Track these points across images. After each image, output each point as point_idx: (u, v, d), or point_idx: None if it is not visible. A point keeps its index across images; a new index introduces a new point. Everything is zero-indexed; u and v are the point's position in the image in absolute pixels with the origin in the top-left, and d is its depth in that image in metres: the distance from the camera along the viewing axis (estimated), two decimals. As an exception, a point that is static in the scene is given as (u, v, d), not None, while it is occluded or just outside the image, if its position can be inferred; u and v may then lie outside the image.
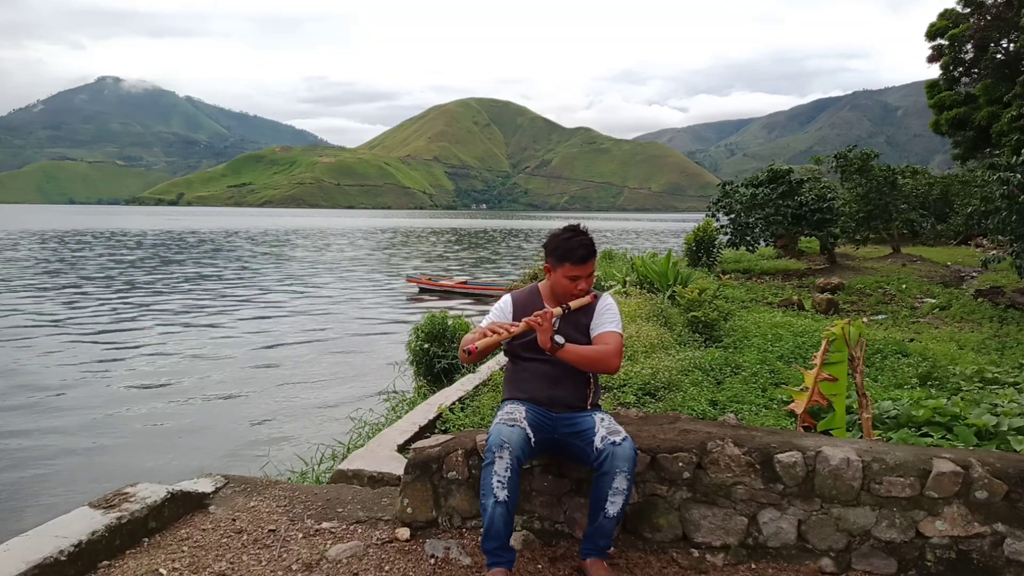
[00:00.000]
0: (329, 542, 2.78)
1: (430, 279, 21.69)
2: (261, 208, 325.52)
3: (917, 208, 22.51)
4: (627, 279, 10.43)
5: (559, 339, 2.57)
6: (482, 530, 2.46)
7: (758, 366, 5.79)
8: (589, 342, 2.71)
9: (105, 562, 2.60)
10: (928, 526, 2.48)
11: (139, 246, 40.78)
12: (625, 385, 5.18)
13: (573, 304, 2.69)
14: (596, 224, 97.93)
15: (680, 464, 2.67)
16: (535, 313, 2.57)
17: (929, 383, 5.28)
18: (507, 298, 2.89)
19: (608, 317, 2.74)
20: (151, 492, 2.97)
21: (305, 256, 35.66)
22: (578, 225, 2.75)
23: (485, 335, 2.57)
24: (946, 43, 21.69)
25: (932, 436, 3.63)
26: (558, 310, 2.66)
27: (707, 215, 17.06)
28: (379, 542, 2.76)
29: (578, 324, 2.72)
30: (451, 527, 2.82)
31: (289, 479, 4.61)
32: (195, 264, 29.65)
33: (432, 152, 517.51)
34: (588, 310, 2.75)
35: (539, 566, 2.62)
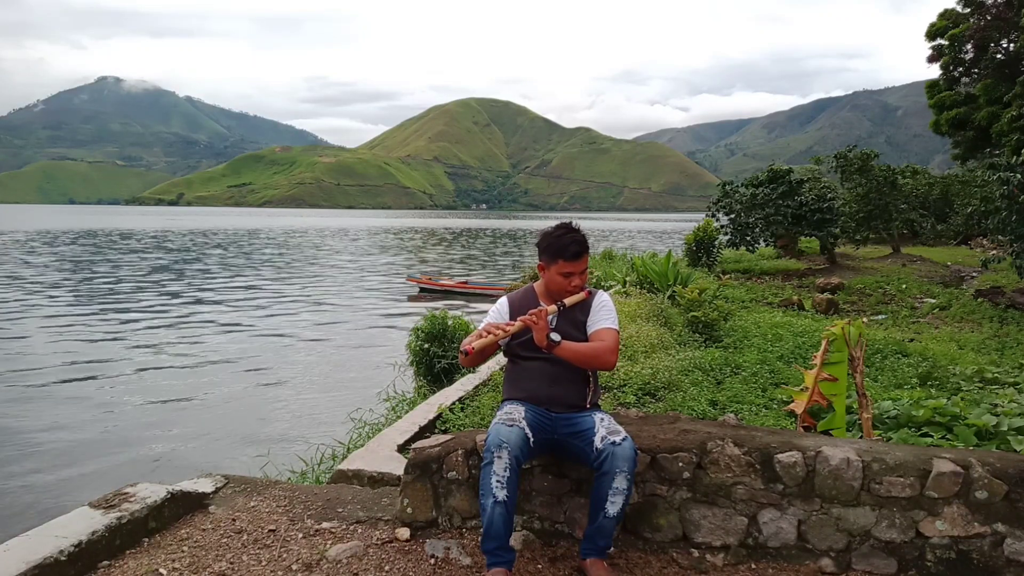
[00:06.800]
0: (329, 542, 2.78)
1: (431, 279, 21.71)
2: (261, 208, 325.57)
3: (917, 208, 22.48)
4: (627, 279, 10.42)
5: (555, 336, 2.58)
6: (482, 530, 2.46)
7: (758, 366, 5.79)
8: (586, 339, 2.71)
9: (105, 562, 2.60)
10: (928, 526, 2.48)
11: (143, 247, 40.80)
12: (625, 385, 5.18)
13: (568, 301, 2.71)
14: (596, 224, 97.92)
15: (680, 464, 2.67)
16: (530, 311, 2.58)
17: (929, 383, 5.28)
18: (503, 300, 2.91)
19: (604, 314, 2.75)
20: (151, 492, 2.97)
21: (305, 256, 35.66)
22: (570, 223, 2.78)
23: (482, 336, 2.59)
24: (946, 43, 21.67)
25: (932, 436, 3.63)
26: (553, 307, 2.67)
27: (707, 215, 17.04)
28: (379, 542, 2.76)
29: (575, 321, 2.73)
30: (451, 527, 2.82)
31: (289, 479, 4.61)
32: (194, 265, 29.65)
33: (432, 152, 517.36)
34: (584, 307, 2.76)
35: (539, 566, 2.62)
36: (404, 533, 2.80)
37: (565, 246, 2.69)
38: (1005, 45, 20.05)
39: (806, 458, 2.57)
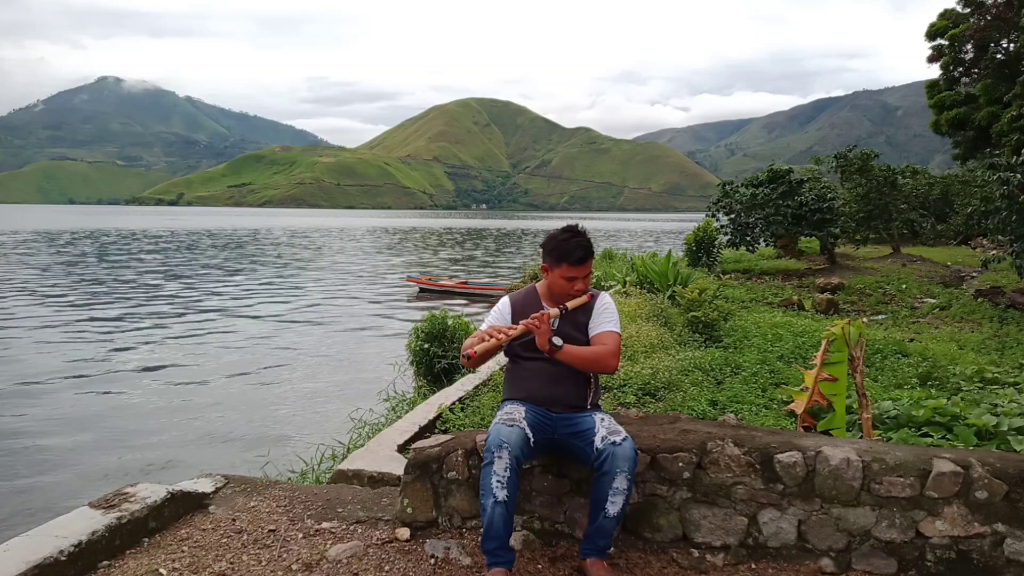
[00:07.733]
0: (329, 542, 2.78)
1: (430, 279, 21.70)
2: (261, 208, 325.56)
3: (917, 208, 22.48)
4: (627, 279, 10.42)
5: (557, 341, 2.58)
6: (482, 530, 2.46)
7: (758, 366, 5.79)
8: (587, 340, 2.71)
9: (105, 562, 2.60)
10: (928, 526, 2.48)
11: (143, 247, 40.81)
12: (625, 385, 5.18)
13: (570, 304, 2.71)
14: (596, 224, 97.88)
15: (680, 464, 2.67)
16: (532, 315, 2.58)
17: (929, 383, 5.28)
18: (505, 300, 2.90)
19: (606, 317, 2.74)
20: (151, 492, 2.97)
21: (305, 256, 35.66)
22: (576, 226, 2.75)
23: (484, 339, 2.59)
24: (946, 43, 21.70)
25: (932, 436, 3.63)
26: (555, 311, 2.66)
27: (707, 215, 17.05)
28: (379, 542, 2.76)
29: (576, 323, 2.73)
30: (451, 527, 2.82)
31: (289, 479, 4.61)
32: (194, 265, 29.66)
33: (432, 152, 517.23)
34: (586, 308, 2.76)
35: (539, 566, 2.62)
36: (404, 533, 2.80)
37: (570, 251, 2.68)
38: (1005, 45, 20.07)
39: (806, 458, 2.57)
